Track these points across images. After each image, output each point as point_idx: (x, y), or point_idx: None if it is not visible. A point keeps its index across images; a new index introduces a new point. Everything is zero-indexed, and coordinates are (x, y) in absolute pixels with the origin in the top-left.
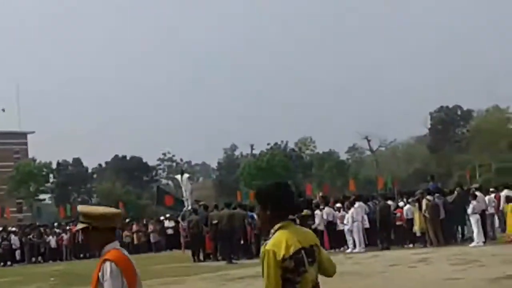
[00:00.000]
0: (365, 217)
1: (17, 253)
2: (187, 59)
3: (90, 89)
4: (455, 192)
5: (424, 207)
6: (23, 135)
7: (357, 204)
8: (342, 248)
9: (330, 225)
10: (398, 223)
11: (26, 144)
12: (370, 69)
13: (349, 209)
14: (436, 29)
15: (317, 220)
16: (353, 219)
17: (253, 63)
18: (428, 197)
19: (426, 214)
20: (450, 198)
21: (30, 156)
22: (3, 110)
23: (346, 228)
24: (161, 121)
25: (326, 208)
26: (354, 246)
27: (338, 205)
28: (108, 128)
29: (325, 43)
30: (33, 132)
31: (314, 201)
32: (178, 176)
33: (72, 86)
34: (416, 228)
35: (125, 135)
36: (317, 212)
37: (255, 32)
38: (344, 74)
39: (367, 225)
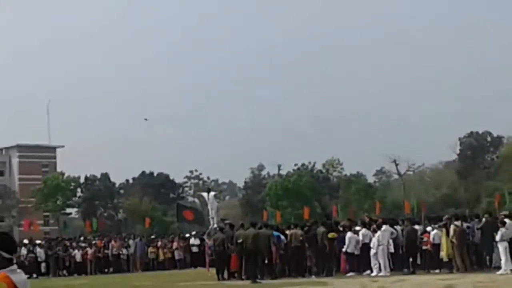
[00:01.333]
0: (391, 241)
1: (43, 266)
2: (214, 78)
3: (119, 104)
4: (483, 219)
5: (451, 232)
6: (52, 149)
7: (383, 228)
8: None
9: (366, 247)
10: (424, 247)
11: (55, 157)
12: (400, 92)
13: (376, 232)
14: (466, 53)
15: (346, 242)
16: (378, 242)
17: (282, 82)
18: (456, 222)
19: (454, 240)
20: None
21: (58, 170)
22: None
23: (372, 251)
24: (189, 138)
25: (363, 230)
26: (380, 269)
27: (357, 228)
28: (136, 144)
29: (355, 62)
30: (62, 146)
31: (341, 223)
32: (205, 194)
33: (102, 100)
34: (443, 253)
35: (153, 152)
36: (348, 235)
37: (275, 49)
38: (373, 96)
39: (392, 249)
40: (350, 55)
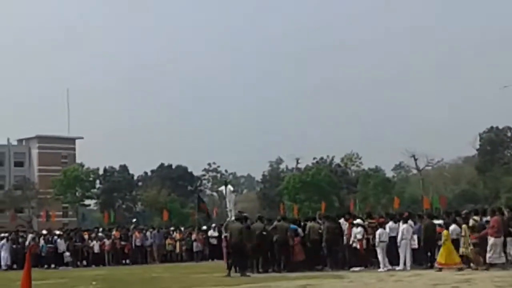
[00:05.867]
0: (415, 236)
1: (64, 256)
2: (233, 71)
3: (138, 96)
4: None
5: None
6: (72, 140)
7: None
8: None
9: (392, 241)
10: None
11: (74, 149)
12: (419, 88)
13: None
14: (484, 48)
15: (359, 237)
16: (402, 236)
17: (304, 78)
18: (475, 217)
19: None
20: None
21: (77, 161)
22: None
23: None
24: (208, 131)
25: (390, 223)
26: (398, 264)
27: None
28: (154, 137)
29: (376, 57)
30: (81, 138)
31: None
32: (222, 187)
33: (121, 92)
34: (463, 249)
35: (172, 144)
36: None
37: (294, 46)
38: (394, 91)
39: (415, 245)
40: (370, 49)
